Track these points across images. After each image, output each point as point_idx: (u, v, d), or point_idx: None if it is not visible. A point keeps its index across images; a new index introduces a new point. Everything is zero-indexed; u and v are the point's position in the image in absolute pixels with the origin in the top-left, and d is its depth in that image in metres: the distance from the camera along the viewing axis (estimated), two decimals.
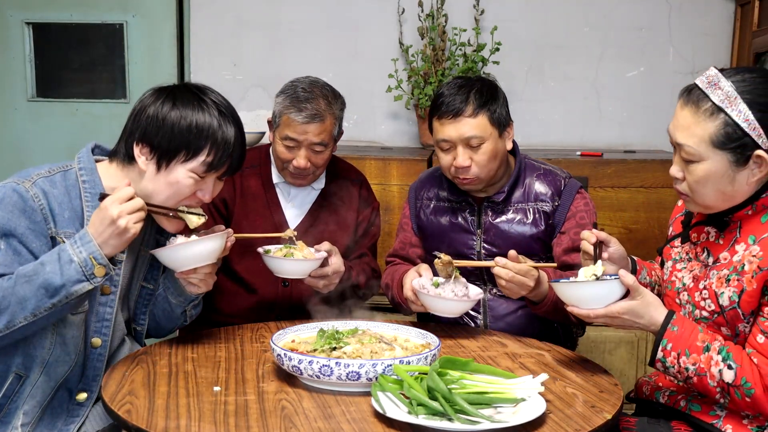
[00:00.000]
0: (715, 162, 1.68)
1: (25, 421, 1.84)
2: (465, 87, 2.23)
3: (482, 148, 2.22)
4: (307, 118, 2.35)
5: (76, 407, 1.90)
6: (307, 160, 2.39)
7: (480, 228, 2.33)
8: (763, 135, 1.65)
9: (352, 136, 3.97)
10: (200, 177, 1.86)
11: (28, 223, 1.79)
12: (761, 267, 1.65)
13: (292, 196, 2.54)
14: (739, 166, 1.67)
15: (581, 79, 3.95)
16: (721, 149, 1.67)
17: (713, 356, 1.67)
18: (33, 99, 4.20)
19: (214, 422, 1.55)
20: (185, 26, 4.08)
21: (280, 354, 1.71)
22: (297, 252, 2.23)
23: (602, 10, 3.91)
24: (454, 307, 2.10)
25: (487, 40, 3.74)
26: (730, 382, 1.64)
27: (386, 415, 1.51)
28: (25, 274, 1.72)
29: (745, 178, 1.69)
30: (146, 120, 1.84)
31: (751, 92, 1.65)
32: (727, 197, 1.72)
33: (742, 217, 1.74)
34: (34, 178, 1.83)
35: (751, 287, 1.67)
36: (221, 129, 1.84)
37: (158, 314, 2.07)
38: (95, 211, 1.77)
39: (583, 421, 1.57)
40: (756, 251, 1.68)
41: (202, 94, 1.88)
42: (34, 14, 4.14)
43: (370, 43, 3.97)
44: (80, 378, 1.89)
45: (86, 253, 1.72)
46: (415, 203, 2.45)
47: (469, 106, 2.20)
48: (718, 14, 3.86)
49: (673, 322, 1.72)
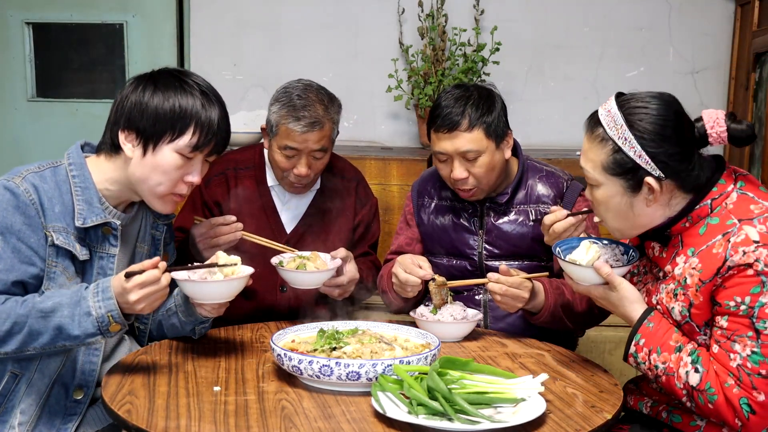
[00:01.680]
0: (609, 188, 1.72)
1: (23, 420, 1.84)
2: (461, 99, 2.21)
3: (479, 161, 2.21)
4: (306, 127, 2.29)
5: (74, 405, 1.89)
6: (308, 168, 2.35)
7: (482, 228, 2.33)
8: (651, 162, 1.67)
9: (352, 136, 3.97)
10: (187, 157, 1.86)
11: (23, 218, 1.80)
12: (702, 280, 1.66)
13: (288, 197, 2.50)
14: (633, 192, 1.71)
15: (581, 79, 3.94)
16: (613, 175, 1.71)
17: (683, 357, 1.67)
18: (33, 99, 4.20)
19: (214, 422, 1.55)
20: (185, 26, 4.08)
21: (280, 354, 1.71)
22: (310, 263, 2.20)
23: (602, 10, 3.91)
24: (455, 331, 2.11)
25: (487, 40, 3.74)
26: (695, 385, 1.64)
27: (386, 415, 1.51)
28: (42, 309, 1.72)
29: (643, 204, 1.72)
30: (129, 107, 1.85)
31: (640, 120, 1.68)
32: (631, 222, 1.75)
33: (680, 230, 1.74)
34: (23, 174, 1.84)
35: (698, 300, 1.67)
36: (205, 108, 1.85)
37: (166, 327, 2.06)
38: (119, 281, 1.72)
39: (583, 421, 1.57)
40: (695, 263, 1.68)
41: (183, 76, 1.89)
42: (34, 14, 4.13)
43: (370, 43, 3.97)
44: (74, 373, 1.89)
45: (105, 310, 1.71)
46: (417, 200, 2.45)
47: (465, 120, 2.18)
48: (718, 14, 3.86)
49: (650, 319, 1.73)
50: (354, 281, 2.28)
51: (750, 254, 1.59)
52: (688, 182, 1.71)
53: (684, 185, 1.71)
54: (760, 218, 1.64)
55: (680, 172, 1.69)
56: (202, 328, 2.05)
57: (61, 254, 1.83)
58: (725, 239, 1.64)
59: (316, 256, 2.23)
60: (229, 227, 2.19)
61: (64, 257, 1.84)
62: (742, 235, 1.62)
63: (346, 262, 2.26)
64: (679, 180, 1.70)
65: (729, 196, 1.70)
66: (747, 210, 1.66)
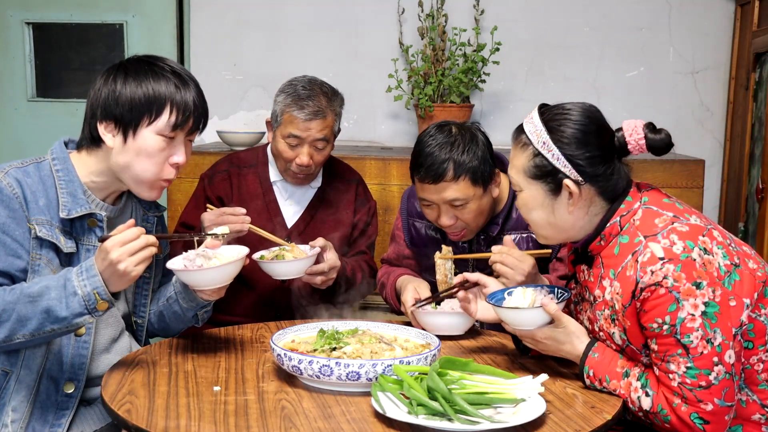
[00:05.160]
0: (531, 191, 1.77)
1: (15, 418, 1.84)
2: (445, 146, 2.14)
3: (467, 208, 2.18)
4: (309, 115, 2.39)
5: (65, 399, 1.89)
6: (309, 158, 2.43)
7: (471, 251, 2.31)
8: (569, 165, 1.70)
9: (352, 136, 3.98)
10: (168, 137, 1.86)
11: (7, 212, 1.80)
12: (624, 305, 1.68)
13: (289, 194, 2.57)
14: (554, 196, 1.74)
15: (581, 79, 3.94)
16: (533, 179, 1.75)
17: (632, 382, 1.69)
18: (33, 99, 4.20)
19: (214, 422, 1.55)
20: (185, 26, 4.08)
21: (280, 354, 1.71)
22: (288, 253, 2.26)
23: (602, 10, 3.91)
24: (455, 323, 2.10)
25: (487, 40, 3.74)
26: (648, 409, 1.66)
27: (386, 415, 1.51)
28: (30, 294, 1.72)
29: (564, 208, 1.75)
30: (104, 98, 1.85)
31: (560, 125, 1.71)
32: (555, 227, 1.78)
33: (597, 249, 1.76)
34: (6, 169, 1.85)
35: (627, 324, 1.70)
36: (178, 89, 1.86)
37: (168, 316, 2.06)
38: (97, 250, 1.74)
39: (583, 421, 1.57)
40: (617, 288, 1.70)
41: (153, 60, 1.90)
42: (34, 14, 4.13)
43: (370, 43, 3.96)
44: (62, 367, 1.88)
45: (90, 288, 1.71)
46: (407, 217, 2.43)
47: (450, 170, 2.13)
48: (718, 14, 3.86)
49: (594, 350, 1.75)
50: (335, 269, 2.34)
51: (657, 273, 1.61)
52: (607, 188, 1.73)
53: (603, 191, 1.74)
54: (663, 232, 1.66)
55: (598, 176, 1.72)
56: (204, 313, 2.06)
57: (45, 246, 1.83)
58: (634, 259, 1.66)
59: (294, 247, 2.29)
60: (237, 217, 2.24)
61: (48, 249, 1.84)
62: (648, 254, 1.64)
63: (325, 251, 2.32)
64: (597, 185, 1.73)
65: (636, 213, 1.72)
66: (652, 225, 1.69)
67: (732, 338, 1.62)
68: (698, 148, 3.83)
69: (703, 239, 1.65)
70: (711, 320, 1.60)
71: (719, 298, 1.61)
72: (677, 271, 1.60)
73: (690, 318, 1.60)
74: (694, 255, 1.62)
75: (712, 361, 1.60)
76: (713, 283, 1.61)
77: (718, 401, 1.61)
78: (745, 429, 1.72)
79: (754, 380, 1.71)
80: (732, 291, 1.63)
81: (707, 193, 3.71)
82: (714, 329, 1.60)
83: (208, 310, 2.07)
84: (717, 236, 1.68)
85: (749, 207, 3.49)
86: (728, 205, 3.81)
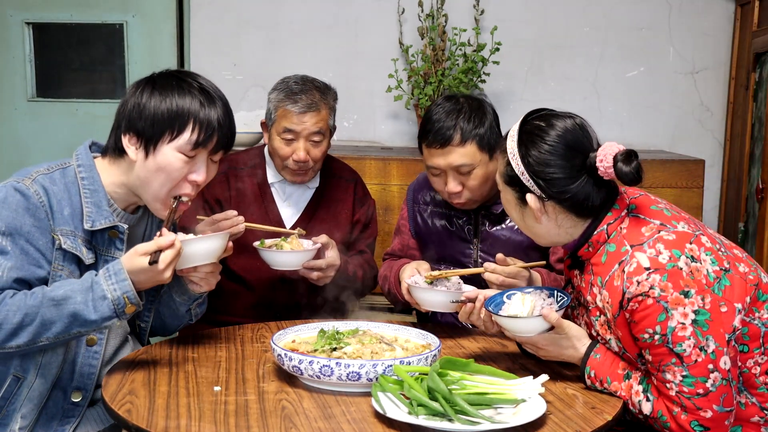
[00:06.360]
0: (506, 194, 1.81)
1: (23, 425, 1.84)
2: (452, 113, 2.20)
3: (473, 174, 2.21)
4: (303, 108, 2.40)
5: (71, 407, 1.89)
6: (306, 153, 2.42)
7: (477, 237, 2.33)
8: (531, 180, 1.72)
9: (352, 136, 3.97)
10: (189, 156, 1.85)
11: (33, 221, 1.79)
12: (613, 314, 1.68)
13: (287, 195, 2.56)
14: (523, 204, 1.76)
15: (581, 79, 3.94)
16: (506, 184, 1.79)
17: (634, 385, 1.69)
18: (33, 99, 4.19)
19: (214, 422, 1.55)
20: (185, 26, 4.07)
21: (280, 354, 1.71)
22: (287, 245, 2.27)
23: (602, 10, 3.91)
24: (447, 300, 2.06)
25: (487, 40, 3.74)
26: (648, 414, 1.66)
27: (386, 415, 1.51)
28: (53, 297, 1.71)
29: (532, 218, 1.77)
30: (129, 110, 1.85)
31: (531, 141, 1.73)
32: (529, 230, 1.82)
33: (587, 255, 1.77)
34: (33, 176, 1.83)
35: (620, 334, 1.70)
36: (203, 106, 1.84)
37: (164, 313, 2.06)
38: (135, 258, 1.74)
39: (583, 422, 1.58)
40: (606, 297, 1.70)
41: (183, 76, 1.89)
42: (34, 14, 4.13)
43: (370, 43, 3.96)
44: (72, 376, 1.88)
45: (120, 292, 1.72)
46: (412, 205, 2.45)
47: (457, 134, 2.18)
48: (718, 14, 3.86)
49: (596, 351, 1.75)
50: (334, 267, 2.34)
51: (644, 283, 1.61)
52: (575, 205, 1.72)
53: (571, 208, 1.73)
54: (650, 241, 1.65)
55: (563, 194, 1.71)
56: (197, 308, 2.06)
57: (68, 258, 1.83)
58: (621, 269, 1.66)
59: (294, 239, 2.30)
60: (230, 221, 2.22)
61: (70, 261, 1.83)
62: (634, 264, 1.63)
63: (327, 248, 2.32)
64: (562, 203, 1.72)
65: (623, 221, 1.72)
66: (638, 234, 1.68)
67: (726, 344, 1.61)
68: (698, 148, 3.83)
69: (691, 246, 1.64)
70: (702, 328, 1.59)
71: (709, 305, 1.60)
72: (664, 281, 1.60)
73: (680, 327, 1.60)
74: (681, 264, 1.62)
75: (708, 368, 1.60)
76: (702, 291, 1.61)
77: (717, 408, 1.60)
78: (744, 430, 1.72)
79: (753, 383, 1.71)
80: (723, 297, 1.62)
81: (707, 193, 3.71)
82: (706, 336, 1.60)
83: (201, 304, 2.06)
84: (705, 242, 1.67)
85: (749, 207, 3.49)
86: (728, 205, 3.81)
